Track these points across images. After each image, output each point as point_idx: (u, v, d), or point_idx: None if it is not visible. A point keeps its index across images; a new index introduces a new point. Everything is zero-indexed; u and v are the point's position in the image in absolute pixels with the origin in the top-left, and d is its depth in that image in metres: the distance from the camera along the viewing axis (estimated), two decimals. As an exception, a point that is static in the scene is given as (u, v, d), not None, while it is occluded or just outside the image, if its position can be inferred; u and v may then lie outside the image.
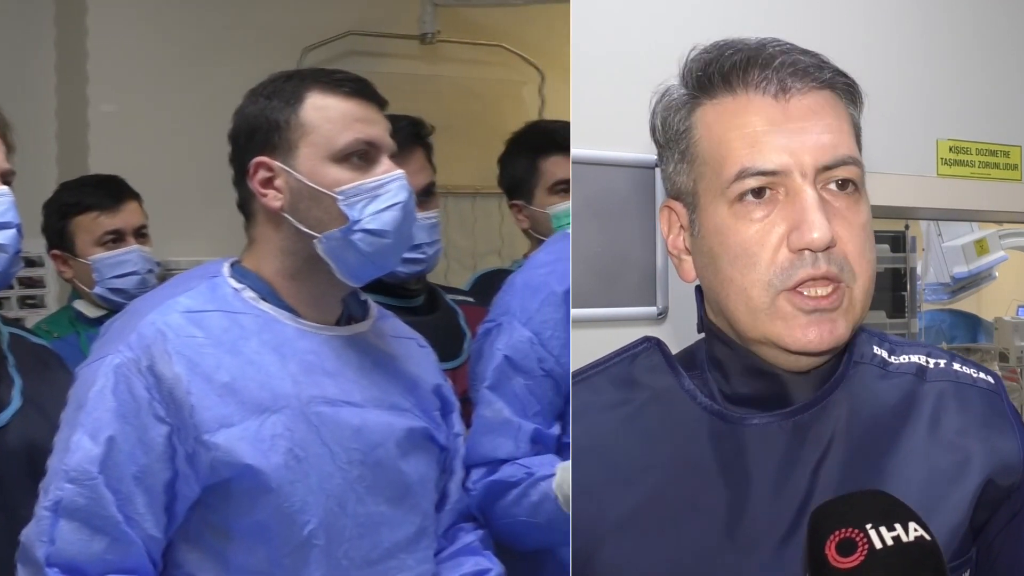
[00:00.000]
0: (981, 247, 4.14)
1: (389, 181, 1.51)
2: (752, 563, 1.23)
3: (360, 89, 1.54)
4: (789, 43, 1.27)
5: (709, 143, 1.26)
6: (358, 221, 1.49)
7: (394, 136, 1.57)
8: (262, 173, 1.52)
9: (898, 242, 3.74)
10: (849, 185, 1.24)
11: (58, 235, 2.60)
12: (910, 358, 1.35)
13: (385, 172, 1.52)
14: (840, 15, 2.22)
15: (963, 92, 2.43)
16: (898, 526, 1.07)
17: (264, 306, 1.51)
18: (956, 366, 1.36)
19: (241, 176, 1.54)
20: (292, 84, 1.54)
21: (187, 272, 1.60)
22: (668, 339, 1.38)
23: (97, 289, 2.56)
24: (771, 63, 1.24)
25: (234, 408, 1.43)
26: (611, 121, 1.90)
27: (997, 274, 4.34)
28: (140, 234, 2.62)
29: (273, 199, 1.51)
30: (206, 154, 2.14)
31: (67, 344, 2.43)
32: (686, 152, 1.29)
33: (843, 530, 1.07)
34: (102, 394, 1.41)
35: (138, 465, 1.40)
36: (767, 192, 1.22)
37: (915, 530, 1.06)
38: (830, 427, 1.27)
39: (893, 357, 1.35)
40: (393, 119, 1.59)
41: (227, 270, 1.55)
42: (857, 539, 1.06)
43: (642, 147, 1.61)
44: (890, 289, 3.73)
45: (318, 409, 1.48)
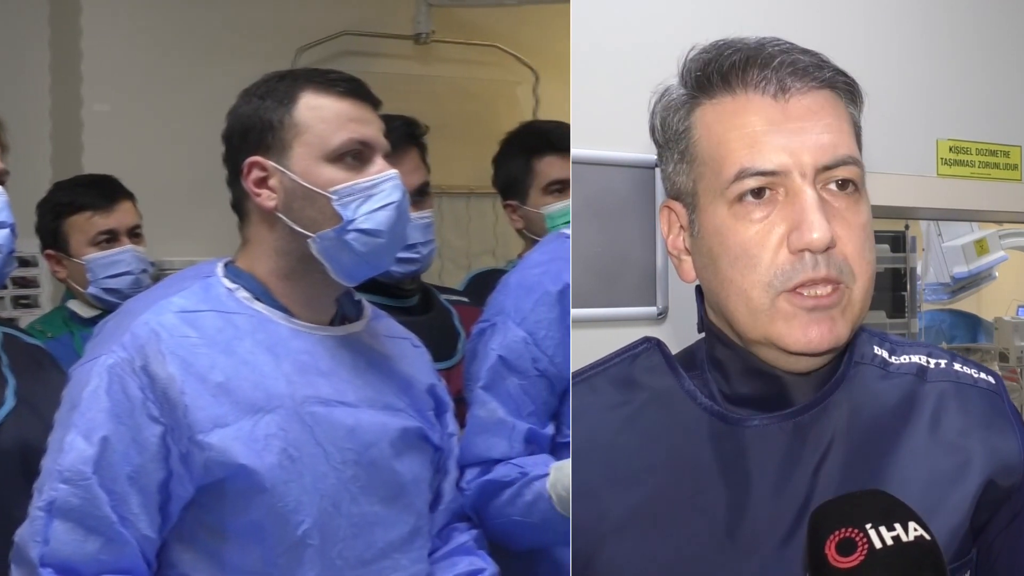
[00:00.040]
0: (981, 247, 4.14)
1: (383, 181, 1.51)
2: (752, 564, 1.23)
3: (354, 89, 1.54)
4: (789, 42, 1.26)
5: (708, 143, 1.26)
6: (352, 221, 1.49)
7: (388, 136, 1.57)
8: (256, 173, 1.51)
9: (898, 242, 3.73)
10: (849, 185, 1.23)
11: (52, 235, 2.59)
12: (911, 358, 1.35)
13: (379, 172, 1.52)
14: (840, 15, 2.21)
15: (963, 92, 2.43)
16: (898, 526, 1.06)
17: (258, 306, 1.51)
18: (957, 366, 1.35)
19: (235, 176, 1.54)
20: (286, 84, 1.54)
21: (181, 272, 1.59)
22: (668, 339, 1.38)
23: (91, 289, 2.55)
24: (770, 63, 1.23)
25: (228, 408, 1.43)
26: (611, 121, 1.90)
27: (997, 274, 4.34)
28: (134, 234, 2.61)
29: (267, 199, 1.51)
30: (200, 154, 2.14)
31: (61, 344, 2.43)
32: (685, 152, 1.28)
33: (843, 530, 1.07)
34: (96, 394, 1.41)
35: (132, 465, 1.39)
36: (767, 192, 1.21)
37: (915, 530, 1.06)
38: (830, 428, 1.27)
39: (894, 357, 1.34)
40: (387, 119, 1.59)
41: (221, 270, 1.55)
42: (857, 539, 1.06)
43: (642, 147, 1.60)
44: (890, 289, 3.73)
45: (312, 409, 1.48)
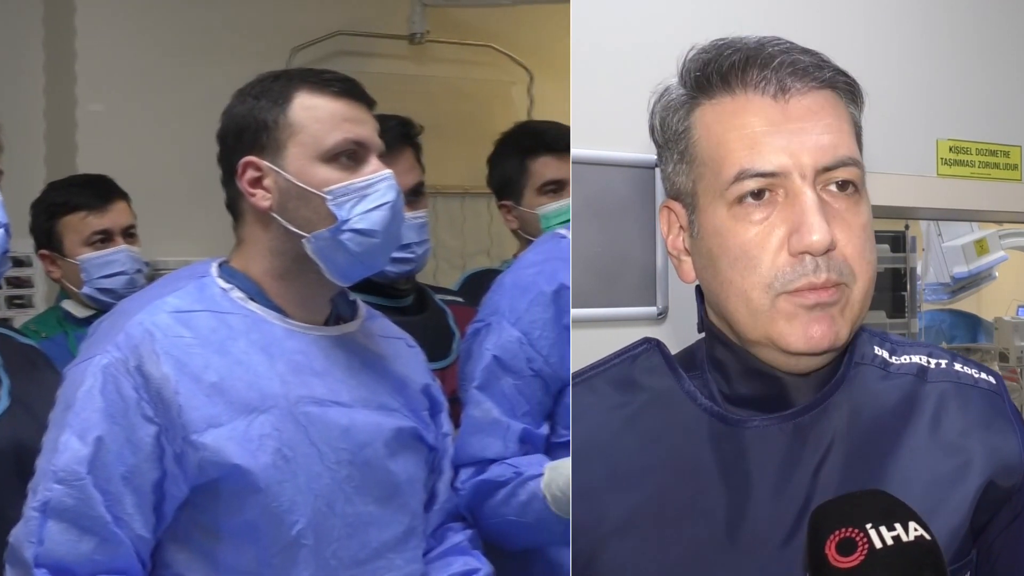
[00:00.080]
0: (981, 247, 4.13)
1: (378, 181, 1.51)
2: (753, 565, 1.23)
3: (349, 89, 1.54)
4: (789, 42, 1.25)
5: (708, 144, 1.25)
6: (347, 221, 1.49)
7: (383, 136, 1.57)
8: (250, 173, 1.51)
9: (898, 242, 3.73)
10: (849, 186, 1.22)
11: (46, 235, 2.59)
12: (911, 358, 1.34)
13: (374, 172, 1.52)
14: (840, 15, 2.21)
15: (963, 92, 2.43)
16: (898, 526, 1.06)
17: (252, 306, 1.51)
18: (957, 366, 1.35)
19: (229, 176, 1.54)
20: (280, 84, 1.54)
21: (175, 272, 1.59)
22: (668, 339, 1.37)
23: (85, 289, 2.55)
24: (770, 63, 1.22)
25: (222, 408, 1.43)
26: (610, 121, 1.90)
27: (997, 274, 4.33)
28: (128, 234, 2.61)
29: (261, 199, 1.51)
30: (194, 154, 2.14)
31: (55, 344, 2.43)
32: (685, 152, 1.28)
33: (843, 530, 1.07)
34: (90, 394, 1.41)
35: (126, 465, 1.39)
36: (766, 194, 1.21)
37: (915, 530, 1.06)
38: (831, 429, 1.26)
39: (894, 357, 1.34)
40: (382, 119, 1.59)
41: (215, 270, 1.55)
42: (857, 539, 1.06)
43: (642, 147, 1.60)
44: (890, 289, 3.72)
45: (306, 409, 1.48)
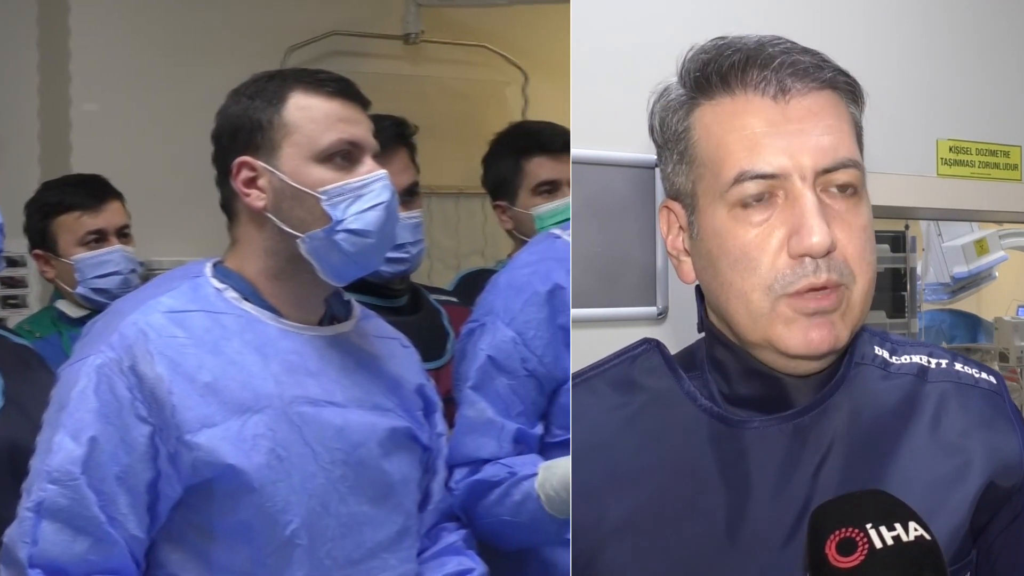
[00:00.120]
0: (981, 247, 4.14)
1: (372, 181, 1.51)
2: (753, 566, 1.23)
3: (343, 89, 1.54)
4: (790, 41, 1.25)
5: (708, 145, 1.24)
6: (341, 221, 1.49)
7: (377, 136, 1.57)
8: (245, 173, 1.51)
9: (898, 242, 3.73)
10: (849, 188, 1.22)
11: (40, 235, 2.59)
12: (911, 358, 1.34)
13: (368, 172, 1.52)
14: (840, 15, 2.21)
15: (963, 92, 2.42)
16: (898, 525, 1.07)
17: (246, 306, 1.51)
18: (958, 366, 1.34)
19: (224, 176, 1.54)
20: (275, 84, 1.54)
21: (169, 272, 1.59)
22: (668, 339, 1.37)
23: (79, 289, 2.55)
24: (770, 63, 1.22)
25: (216, 408, 1.43)
26: (610, 121, 1.90)
27: (997, 274, 4.33)
28: (123, 234, 2.61)
29: (256, 199, 1.51)
30: (189, 154, 2.14)
31: (49, 344, 2.42)
32: (685, 153, 1.27)
33: (843, 530, 1.07)
34: (84, 394, 1.41)
35: (120, 465, 1.39)
36: (766, 195, 1.20)
37: (915, 529, 1.07)
38: (831, 430, 1.26)
39: (895, 357, 1.34)
40: (376, 119, 1.59)
41: (209, 270, 1.55)
42: (857, 539, 1.06)
43: (641, 147, 1.60)
44: (890, 289, 3.72)
45: (300, 409, 1.48)
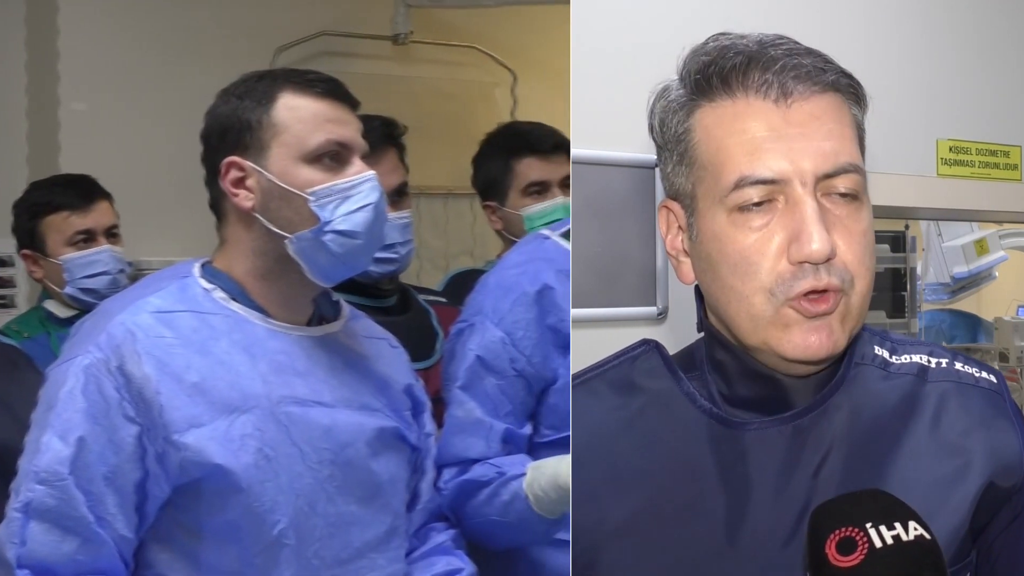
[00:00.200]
0: (981, 247, 4.14)
1: (361, 182, 1.51)
2: (753, 567, 1.22)
3: (332, 89, 1.54)
4: (792, 42, 1.23)
5: (708, 148, 1.23)
6: (329, 222, 1.49)
7: (366, 136, 1.57)
8: (233, 173, 1.51)
9: (898, 242, 3.73)
10: (849, 193, 1.21)
11: (28, 235, 2.58)
12: (911, 358, 1.33)
13: (357, 173, 1.52)
14: (840, 15, 2.21)
15: (963, 92, 2.42)
16: (898, 525, 1.07)
17: (234, 306, 1.51)
18: (958, 365, 1.34)
19: (213, 176, 1.54)
20: (264, 84, 1.54)
21: (158, 272, 1.59)
22: (667, 339, 1.37)
23: (68, 289, 2.54)
24: (772, 66, 1.20)
25: (203, 408, 1.43)
26: (610, 121, 1.90)
27: (997, 274, 4.34)
28: (111, 234, 2.61)
29: (244, 199, 1.51)
30: (178, 154, 2.14)
31: (37, 344, 2.42)
32: (684, 154, 1.26)
33: (843, 529, 1.07)
34: (72, 395, 1.40)
35: (108, 465, 1.39)
36: (766, 200, 1.19)
37: (915, 529, 1.07)
38: (830, 431, 1.26)
39: (895, 357, 1.33)
40: (365, 119, 1.59)
41: (198, 270, 1.55)
42: (857, 538, 1.06)
43: (641, 147, 1.60)
44: (890, 289, 3.73)
45: (288, 409, 1.48)
